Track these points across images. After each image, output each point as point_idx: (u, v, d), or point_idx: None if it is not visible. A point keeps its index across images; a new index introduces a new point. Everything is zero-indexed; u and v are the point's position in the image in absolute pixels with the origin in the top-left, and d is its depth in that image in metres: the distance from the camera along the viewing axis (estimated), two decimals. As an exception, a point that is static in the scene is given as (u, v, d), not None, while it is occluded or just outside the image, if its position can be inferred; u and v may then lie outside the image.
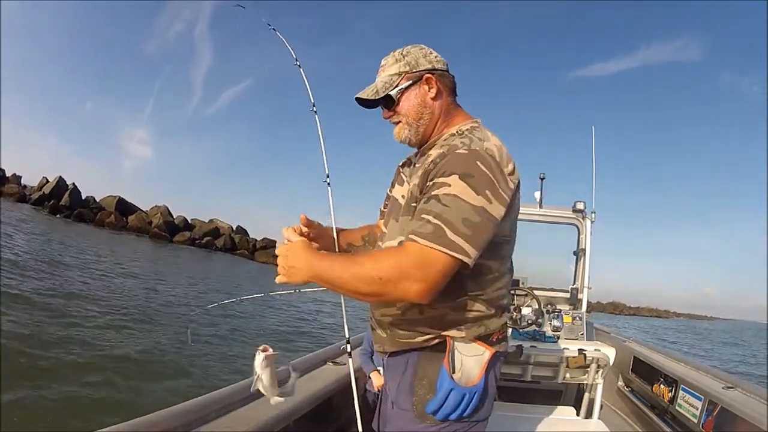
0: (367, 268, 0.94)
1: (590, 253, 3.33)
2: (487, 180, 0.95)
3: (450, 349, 1.04)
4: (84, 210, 28.93)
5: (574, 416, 2.70)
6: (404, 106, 1.12)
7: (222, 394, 1.54)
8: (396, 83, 1.11)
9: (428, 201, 0.95)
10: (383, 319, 1.14)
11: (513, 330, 2.89)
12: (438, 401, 1.02)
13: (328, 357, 2.37)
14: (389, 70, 1.12)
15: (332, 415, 2.07)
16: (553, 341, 2.80)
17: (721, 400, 2.01)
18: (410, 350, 1.10)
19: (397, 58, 1.12)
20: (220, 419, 1.42)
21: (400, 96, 1.11)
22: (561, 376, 2.69)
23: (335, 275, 0.97)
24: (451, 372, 1.03)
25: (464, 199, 0.92)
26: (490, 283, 1.07)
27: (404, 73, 1.11)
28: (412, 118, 1.12)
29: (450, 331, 1.06)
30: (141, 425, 1.21)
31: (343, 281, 0.97)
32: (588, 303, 3.25)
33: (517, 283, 3.26)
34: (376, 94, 1.11)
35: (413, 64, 1.11)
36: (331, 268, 0.99)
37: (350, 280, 0.95)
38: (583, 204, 3.32)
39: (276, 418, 1.52)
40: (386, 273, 0.91)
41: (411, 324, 1.08)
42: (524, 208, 3.38)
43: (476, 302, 1.05)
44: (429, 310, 1.04)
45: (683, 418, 2.28)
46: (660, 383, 2.58)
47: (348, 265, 0.98)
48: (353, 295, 0.98)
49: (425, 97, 1.11)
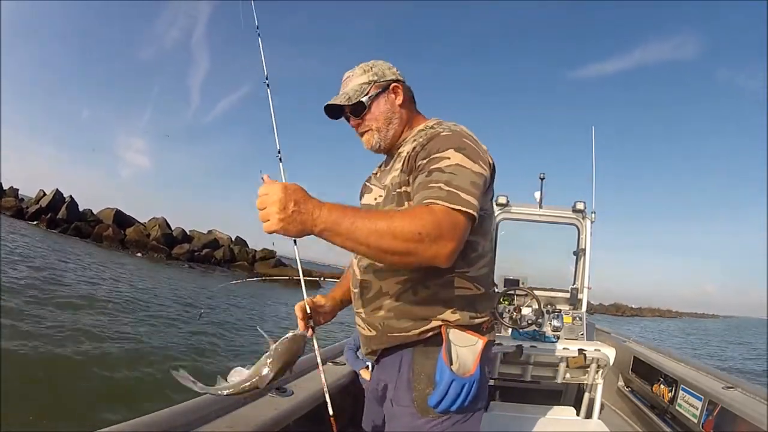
0: (404, 221, 0.85)
1: (590, 253, 3.33)
2: (475, 151, 1.03)
3: (446, 340, 1.06)
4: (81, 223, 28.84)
5: (574, 416, 2.71)
6: (375, 113, 1.19)
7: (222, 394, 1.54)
8: (366, 91, 1.18)
9: (431, 174, 0.97)
10: (374, 315, 1.13)
11: (513, 330, 2.90)
12: (440, 393, 1.03)
13: (328, 357, 2.37)
14: (358, 80, 1.20)
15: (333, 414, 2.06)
16: (553, 341, 2.80)
17: (721, 400, 2.01)
18: (402, 346, 1.11)
19: (365, 69, 1.21)
20: (220, 419, 1.41)
21: (371, 103, 1.18)
22: (561, 376, 2.70)
23: (358, 225, 0.83)
24: (450, 363, 1.04)
25: (465, 166, 0.98)
26: (474, 261, 1.10)
27: (373, 81, 1.19)
28: (381, 123, 1.19)
29: (445, 313, 1.07)
30: (141, 425, 1.21)
31: (369, 233, 0.83)
32: (590, 305, 3.26)
33: (517, 283, 3.26)
34: (349, 100, 1.17)
35: (380, 74, 1.20)
36: (351, 216, 0.84)
37: (383, 231, 0.83)
38: (583, 204, 3.32)
39: (276, 418, 1.52)
40: (427, 229, 0.85)
41: (406, 311, 1.08)
42: (524, 208, 3.39)
43: (463, 279, 1.08)
44: (422, 289, 1.07)
45: (683, 418, 2.28)
46: (660, 383, 2.59)
47: (375, 217, 0.86)
48: (375, 253, 0.86)
49: (394, 103, 1.20)
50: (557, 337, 2.90)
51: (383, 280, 1.11)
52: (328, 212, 0.82)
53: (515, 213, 3.41)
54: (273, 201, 0.81)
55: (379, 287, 1.12)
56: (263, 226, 0.83)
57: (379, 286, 1.12)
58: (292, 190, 0.82)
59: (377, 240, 0.83)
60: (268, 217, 0.81)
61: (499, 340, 2.67)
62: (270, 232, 0.83)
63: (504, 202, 3.35)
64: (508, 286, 3.26)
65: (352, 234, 0.83)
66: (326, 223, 0.82)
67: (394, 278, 1.09)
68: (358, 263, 1.19)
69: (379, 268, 1.12)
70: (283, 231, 0.82)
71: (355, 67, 1.22)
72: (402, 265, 0.94)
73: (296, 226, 0.81)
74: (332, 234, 0.83)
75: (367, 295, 1.15)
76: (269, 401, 1.65)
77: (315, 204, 0.83)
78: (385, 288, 1.11)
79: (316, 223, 0.82)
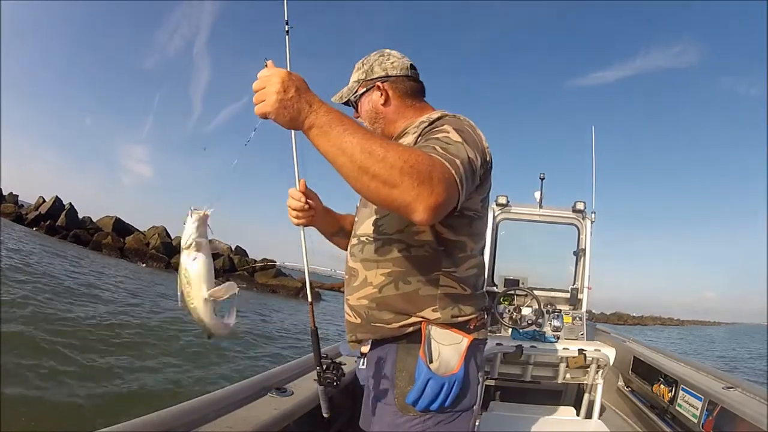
0: (399, 149, 0.78)
1: (590, 254, 3.33)
2: (473, 139, 0.98)
3: (426, 337, 1.04)
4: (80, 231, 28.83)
5: (574, 416, 2.71)
6: (361, 113, 1.20)
7: (222, 394, 1.54)
8: (355, 90, 1.19)
9: (428, 141, 0.93)
10: (359, 303, 1.12)
11: (513, 330, 2.90)
12: (416, 391, 1.01)
13: (329, 357, 2.37)
14: (353, 77, 1.21)
15: (332, 414, 2.06)
16: (553, 341, 2.80)
17: (721, 400, 2.01)
18: (387, 341, 1.10)
19: (358, 67, 1.20)
20: (220, 419, 1.41)
21: (358, 102, 1.20)
22: (561, 376, 2.69)
23: (350, 134, 0.76)
24: (428, 361, 1.02)
25: (462, 143, 0.93)
26: (462, 261, 1.08)
27: (361, 80, 1.19)
28: (368, 123, 1.20)
29: (425, 311, 1.05)
30: (141, 425, 1.21)
31: (359, 146, 0.75)
32: (591, 314, 3.26)
33: (517, 283, 3.26)
34: (341, 98, 1.20)
35: (369, 72, 1.19)
36: (346, 123, 0.77)
37: (374, 150, 0.75)
38: (583, 204, 3.32)
39: (276, 418, 1.52)
40: (418, 167, 0.77)
41: (387, 303, 1.07)
42: (524, 208, 3.39)
43: (448, 278, 1.06)
44: (403, 284, 1.05)
45: (683, 418, 2.28)
46: (660, 383, 2.58)
47: (371, 135, 0.79)
48: (356, 170, 0.76)
49: (377, 104, 1.18)
50: (557, 337, 2.90)
51: (369, 270, 1.10)
52: (326, 111, 0.77)
53: (515, 213, 3.41)
54: (275, 81, 0.76)
55: (365, 277, 1.11)
56: (257, 107, 0.78)
57: (364, 275, 1.11)
58: (297, 77, 0.78)
59: (364, 157, 0.75)
60: (265, 97, 0.77)
61: (499, 340, 2.67)
62: (262, 114, 0.78)
63: (504, 202, 3.35)
64: (508, 286, 3.26)
65: (340, 141, 0.76)
66: (320, 120, 0.77)
67: (379, 269, 1.08)
68: (350, 249, 1.18)
69: (366, 258, 1.11)
70: (275, 115, 0.77)
71: (360, 61, 1.22)
72: (377, 196, 0.79)
73: (290, 113, 0.76)
74: (320, 134, 0.77)
75: (353, 283, 1.14)
76: (269, 401, 1.65)
77: (315, 98, 0.78)
78: (370, 278, 1.09)
79: (309, 117, 0.77)
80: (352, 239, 1.19)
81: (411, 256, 1.06)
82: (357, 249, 1.15)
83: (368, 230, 1.12)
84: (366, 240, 1.12)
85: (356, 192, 0.83)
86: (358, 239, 1.15)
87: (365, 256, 1.12)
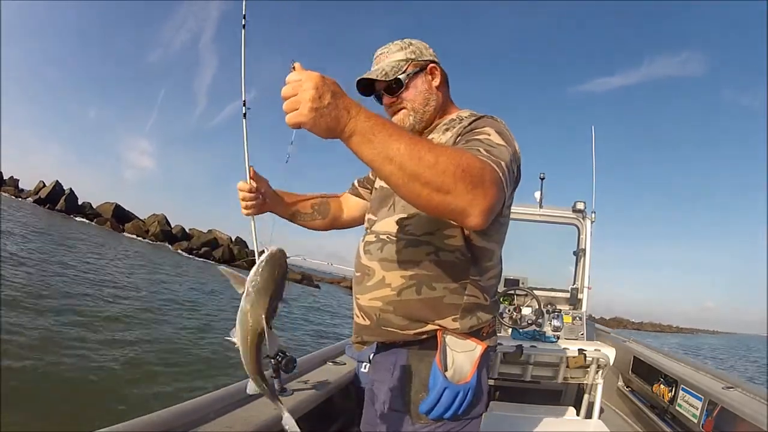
0: (449, 152, 0.74)
1: (590, 253, 3.33)
2: (512, 143, 0.96)
3: (441, 345, 1.01)
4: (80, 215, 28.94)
5: (574, 416, 2.71)
6: (411, 92, 1.11)
7: (222, 394, 1.55)
8: (404, 69, 1.10)
9: (470, 142, 0.91)
10: (372, 305, 1.06)
11: (513, 330, 2.90)
12: (432, 401, 0.99)
13: (328, 357, 2.37)
14: (394, 56, 1.11)
15: (332, 414, 2.07)
16: (553, 341, 2.80)
17: (721, 400, 2.01)
18: (396, 345, 1.07)
19: (402, 47, 1.13)
20: (220, 419, 1.42)
21: (408, 81, 1.11)
22: (561, 376, 2.69)
23: (396, 139, 0.70)
24: (444, 369, 1.00)
25: (506, 148, 0.90)
26: (487, 270, 1.06)
27: (411, 60, 1.11)
28: (419, 103, 1.12)
29: (445, 319, 1.02)
30: (141, 425, 1.21)
31: (407, 151, 0.70)
32: (592, 318, 3.26)
33: (517, 283, 3.26)
34: (386, 76, 1.09)
35: (418, 53, 1.13)
36: (390, 128, 0.72)
37: (423, 155, 0.70)
38: (583, 204, 3.32)
39: (276, 418, 1.51)
40: (471, 170, 0.73)
41: (405, 308, 1.02)
42: (524, 208, 3.39)
43: (474, 287, 1.04)
44: (427, 290, 1.01)
45: (683, 418, 2.28)
46: (660, 383, 2.58)
47: (418, 139, 0.74)
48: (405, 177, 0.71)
49: (431, 84, 1.13)
50: (557, 337, 2.90)
51: (388, 271, 1.04)
52: (366, 117, 0.70)
53: (515, 213, 3.41)
54: (308, 87, 0.67)
55: (382, 277, 1.05)
56: (288, 116, 0.69)
57: (382, 275, 1.05)
58: (330, 81, 0.70)
59: (414, 163, 0.70)
60: (298, 106, 0.68)
61: (499, 340, 2.67)
62: (295, 124, 0.69)
63: None
64: (508, 286, 3.26)
65: (386, 148, 0.69)
66: (361, 127, 0.70)
67: (400, 271, 1.03)
68: (364, 246, 1.12)
69: (385, 258, 1.05)
70: (311, 125, 0.69)
71: (389, 43, 1.15)
72: (428, 203, 0.74)
73: (327, 122, 0.68)
74: (363, 141, 0.70)
75: (367, 282, 1.08)
76: (269, 401, 1.65)
77: (353, 103, 0.71)
78: (388, 279, 1.04)
79: (349, 125, 0.69)
80: (368, 235, 1.13)
81: (440, 260, 1.01)
82: (375, 247, 1.08)
83: (390, 228, 1.06)
84: (387, 239, 1.06)
85: (404, 199, 0.78)
86: (377, 237, 1.09)
87: (385, 255, 1.05)
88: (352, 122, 0.70)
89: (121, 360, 5.58)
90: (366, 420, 1.26)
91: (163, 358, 6.14)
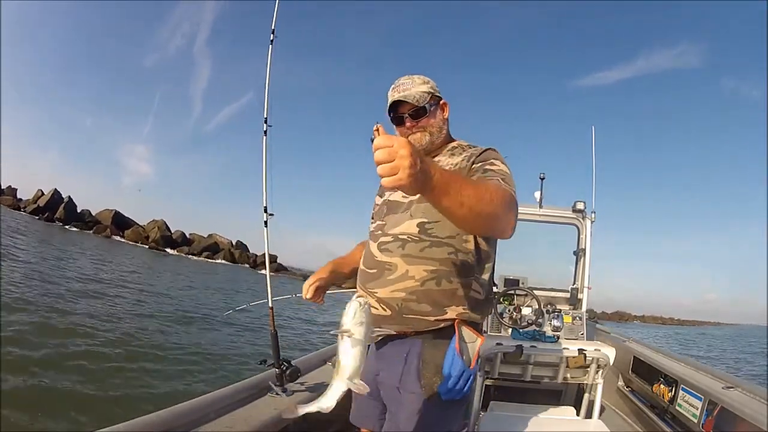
0: (493, 189, 1.01)
1: (590, 253, 3.33)
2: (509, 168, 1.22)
3: (459, 334, 1.19)
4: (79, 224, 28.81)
5: (574, 416, 2.71)
6: (431, 120, 1.32)
7: (222, 394, 1.55)
8: (427, 100, 1.30)
9: (485, 172, 1.17)
10: (394, 296, 1.20)
11: (513, 330, 2.90)
12: (452, 382, 1.15)
13: (328, 357, 2.37)
14: (420, 87, 1.30)
15: (332, 414, 2.06)
16: (553, 341, 2.80)
17: (721, 400, 2.01)
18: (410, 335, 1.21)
19: (424, 81, 1.33)
20: (220, 419, 1.42)
21: (431, 110, 1.31)
22: (561, 376, 2.69)
23: (464, 188, 0.89)
24: (461, 356, 1.17)
25: (512, 175, 1.19)
26: (486, 270, 1.28)
27: (431, 93, 1.31)
28: (436, 129, 1.32)
29: (459, 308, 1.20)
30: (141, 425, 1.21)
31: (473, 196, 0.90)
32: (593, 313, 3.25)
33: (517, 283, 3.26)
34: (418, 102, 1.28)
35: (435, 89, 1.34)
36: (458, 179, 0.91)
37: (482, 195, 0.93)
38: (583, 204, 3.32)
39: (276, 418, 1.52)
40: (507, 200, 1.02)
41: (428, 296, 1.19)
42: (524, 208, 3.38)
43: (477, 283, 1.24)
44: (446, 283, 1.19)
45: (683, 418, 2.28)
46: (660, 383, 2.59)
47: (473, 183, 1.04)
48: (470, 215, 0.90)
49: (444, 117, 1.36)
50: (557, 337, 2.90)
51: (411, 265, 1.20)
52: (440, 173, 0.85)
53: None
54: (404, 155, 0.76)
55: (405, 270, 1.20)
56: (389, 179, 0.78)
57: (405, 269, 1.20)
58: (416, 148, 0.80)
59: (479, 204, 0.91)
60: (397, 171, 0.77)
61: (499, 340, 2.67)
62: (395, 185, 0.78)
63: None
64: (508, 286, 3.26)
65: (459, 197, 0.87)
66: (438, 182, 0.84)
67: (424, 266, 1.20)
68: (382, 246, 1.26)
69: (408, 254, 1.21)
70: (408, 186, 0.79)
71: (409, 76, 1.33)
72: (483, 228, 1.09)
73: (418, 183, 0.80)
74: (441, 193, 0.85)
75: (388, 276, 1.22)
76: (269, 401, 1.65)
77: (431, 163, 0.85)
78: (412, 272, 1.20)
79: (431, 182, 0.82)
80: (382, 237, 1.28)
81: (458, 259, 1.21)
82: (395, 245, 1.24)
83: (411, 230, 1.23)
84: (408, 238, 1.23)
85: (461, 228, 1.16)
86: (395, 237, 1.25)
87: (407, 252, 1.22)
88: (434, 180, 0.83)
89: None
90: (360, 412, 1.38)
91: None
